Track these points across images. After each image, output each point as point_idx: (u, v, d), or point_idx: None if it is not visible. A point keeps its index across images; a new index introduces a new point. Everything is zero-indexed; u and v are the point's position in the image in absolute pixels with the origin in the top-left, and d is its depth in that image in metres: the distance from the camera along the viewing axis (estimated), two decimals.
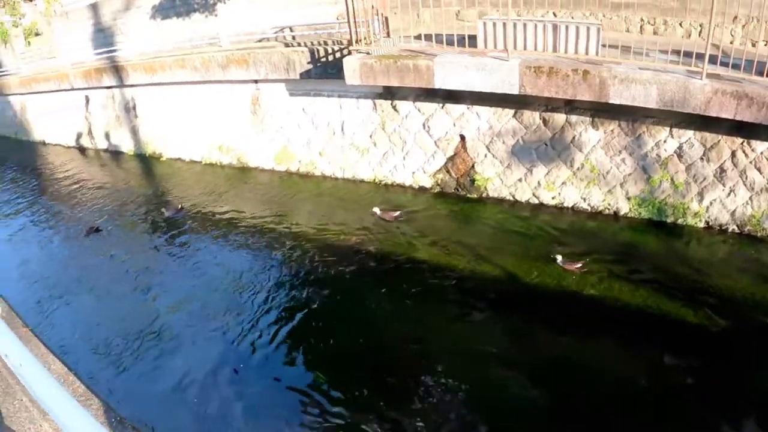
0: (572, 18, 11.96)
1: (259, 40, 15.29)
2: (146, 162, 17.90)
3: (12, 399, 5.14)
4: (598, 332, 7.99)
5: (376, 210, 11.81)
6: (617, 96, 9.27)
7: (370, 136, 13.10)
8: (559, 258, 9.47)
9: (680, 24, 11.58)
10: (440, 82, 10.57)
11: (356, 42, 11.23)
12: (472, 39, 10.52)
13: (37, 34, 30.97)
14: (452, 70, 10.40)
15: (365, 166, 13.42)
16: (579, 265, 9.34)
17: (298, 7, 15.96)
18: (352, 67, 11.18)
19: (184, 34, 18.34)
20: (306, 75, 12.91)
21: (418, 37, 12.14)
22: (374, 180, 13.29)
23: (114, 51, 19.76)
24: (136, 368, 8.46)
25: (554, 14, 12.43)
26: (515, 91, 10.05)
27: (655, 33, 11.86)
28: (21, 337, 5.64)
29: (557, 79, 9.65)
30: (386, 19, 12.03)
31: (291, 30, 15.32)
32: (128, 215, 14.49)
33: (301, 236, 11.67)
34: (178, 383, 7.97)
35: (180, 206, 13.83)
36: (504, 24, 10.19)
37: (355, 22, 11.03)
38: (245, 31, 15.79)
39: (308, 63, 12.76)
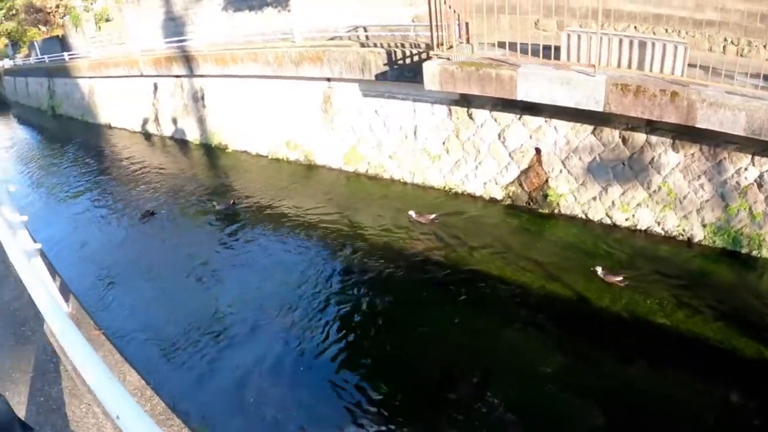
0: (654, 33, 11.54)
1: (331, 38, 15.20)
2: (211, 152, 18.02)
3: (78, 402, 4.85)
4: (663, 362, 7.60)
5: (412, 213, 11.76)
6: (705, 120, 8.81)
7: (443, 143, 12.84)
8: (600, 269, 9.25)
9: (765, 46, 11.06)
10: (523, 94, 10.24)
11: (437, 46, 10.97)
12: (553, 49, 10.18)
13: (107, 20, 31.52)
14: (536, 82, 10.07)
15: (436, 172, 13.16)
16: (620, 278, 9.07)
17: (371, 6, 15.82)
18: (431, 72, 10.93)
19: (255, 28, 18.44)
20: (381, 77, 12.71)
21: (496, 45, 11.82)
22: (444, 187, 13.01)
23: (184, 40, 19.96)
24: (193, 363, 8.43)
25: (635, 28, 12.02)
26: (600, 109, 9.66)
27: (739, 54, 11.35)
28: (92, 340, 5.44)
29: (644, 98, 9.23)
30: (466, 24, 11.75)
31: (365, 30, 15.20)
32: (191, 204, 14.60)
33: (365, 239, 11.50)
34: (235, 382, 7.89)
35: (232, 201, 13.88)
36: (589, 37, 9.83)
37: (437, 25, 10.77)
38: (317, 28, 15.72)
39: (384, 65, 12.56)
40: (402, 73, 12.29)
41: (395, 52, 12.38)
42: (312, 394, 7.62)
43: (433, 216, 11.65)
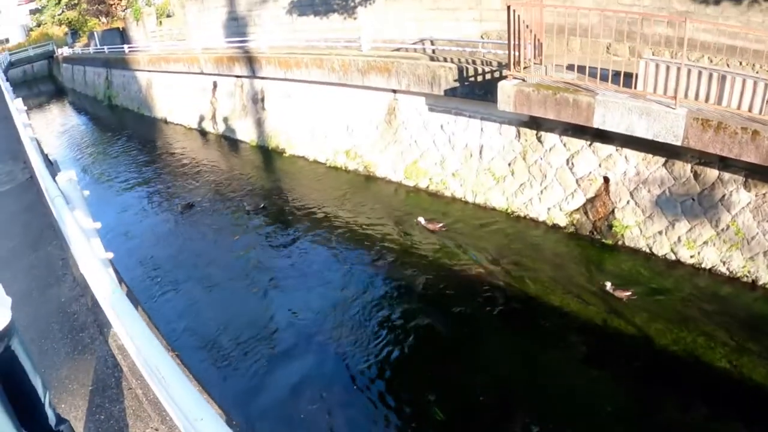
0: (728, 66, 11.15)
1: (396, 50, 15.07)
2: (267, 155, 18.00)
3: (144, 426, 4.14)
4: (724, 408, 7.34)
5: (421, 219, 12.17)
6: None
7: (509, 164, 12.58)
8: (609, 284, 9.42)
9: None
10: (599, 122, 9.95)
11: (514, 66, 10.73)
12: (623, 75, 9.87)
13: (168, 16, 31.99)
14: (614, 111, 9.77)
15: (498, 194, 12.89)
16: (629, 293, 9.20)
17: (438, 19, 15.69)
18: (507, 92, 10.70)
19: (318, 33, 18.43)
20: (451, 92, 12.51)
21: (566, 67, 11.56)
22: (506, 209, 12.71)
23: (247, 41, 20.07)
24: (243, 369, 8.38)
25: (709, 59, 11.64)
26: (678, 143, 9.33)
27: None
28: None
29: (724, 135, 8.87)
30: (541, 44, 11.51)
31: (431, 43, 15.04)
32: (243, 205, 14.62)
33: (422, 256, 11.30)
34: (285, 397, 7.80)
35: (263, 205, 14.05)
36: (668, 67, 9.51)
37: (516, 44, 10.54)
38: (383, 38, 15.62)
39: (455, 81, 12.37)
40: (472, 91, 12.08)
41: (467, 68, 12.18)
42: (363, 414, 7.50)
43: (440, 225, 12.01)
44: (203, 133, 21.80)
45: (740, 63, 11.44)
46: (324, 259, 11.54)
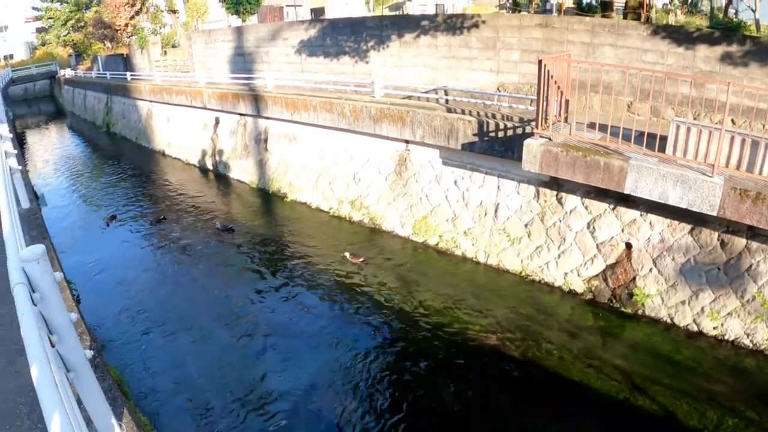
0: (751, 128, 10.70)
1: (408, 97, 14.56)
2: (268, 198, 17.32)
3: None
4: None
5: (347, 254, 12.62)
6: None
7: (526, 225, 11.96)
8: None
9: None
10: (631, 188, 9.36)
11: (541, 124, 10.14)
12: (651, 137, 9.36)
13: (173, 46, 31.84)
14: (647, 177, 9.19)
15: (513, 256, 12.23)
16: None
17: (453, 68, 15.32)
18: (533, 152, 10.08)
19: (327, 75, 17.99)
20: (468, 147, 11.91)
21: (589, 125, 11.03)
22: (520, 272, 12.04)
23: (253, 78, 19.63)
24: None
25: (732, 121, 11.20)
26: (713, 213, 8.80)
27: None
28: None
29: (762, 206, 8.37)
30: (567, 101, 10.98)
31: (446, 93, 14.54)
32: (241, 249, 14.03)
33: (428, 318, 10.65)
34: None
35: (231, 226, 14.61)
36: (700, 130, 8.98)
37: (546, 101, 9.98)
38: (394, 84, 15.13)
39: (474, 135, 11.79)
40: (492, 147, 11.49)
41: (487, 122, 11.61)
42: None
43: (362, 259, 12.50)
44: (202, 169, 21.20)
45: (762, 126, 11.09)
46: (321, 315, 10.92)
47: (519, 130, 11.04)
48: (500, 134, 11.41)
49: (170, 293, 12.02)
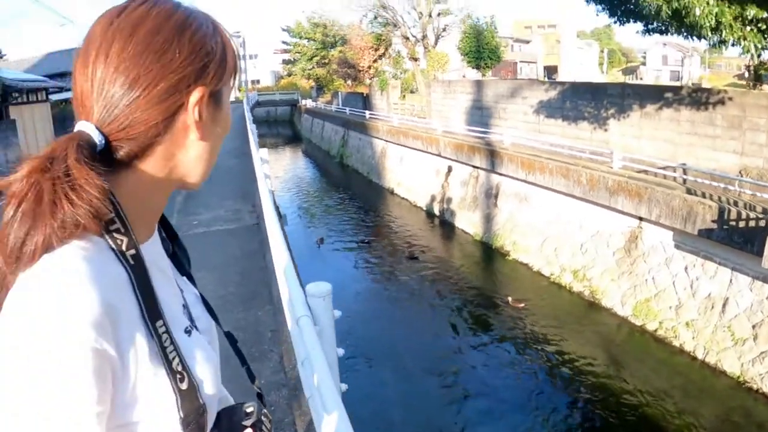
0: None
1: (643, 171, 14.39)
2: (490, 253, 17.76)
3: None
4: None
5: (509, 299, 13.98)
6: None
7: (753, 326, 11.14)
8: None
9: None
10: None
11: None
12: None
13: (412, 91, 33.85)
14: None
15: (733, 357, 11.35)
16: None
17: (693, 145, 14.91)
18: None
19: (564, 139, 18.25)
20: (705, 233, 11.54)
21: None
22: (738, 377, 11.04)
23: (489, 133, 20.45)
24: None
25: None
26: None
27: None
28: None
29: None
30: None
31: (684, 172, 14.25)
32: (456, 298, 14.78)
33: (630, 405, 10.33)
34: None
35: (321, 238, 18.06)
36: None
37: None
38: (631, 156, 15.05)
39: (712, 221, 11.37)
40: (730, 236, 11.05)
41: (728, 209, 11.19)
42: None
43: (522, 305, 13.70)
44: (429, 213, 22.25)
45: None
46: (523, 378, 11.20)
47: (762, 222, 10.61)
48: (741, 224, 10.93)
49: (382, 328, 12.96)
